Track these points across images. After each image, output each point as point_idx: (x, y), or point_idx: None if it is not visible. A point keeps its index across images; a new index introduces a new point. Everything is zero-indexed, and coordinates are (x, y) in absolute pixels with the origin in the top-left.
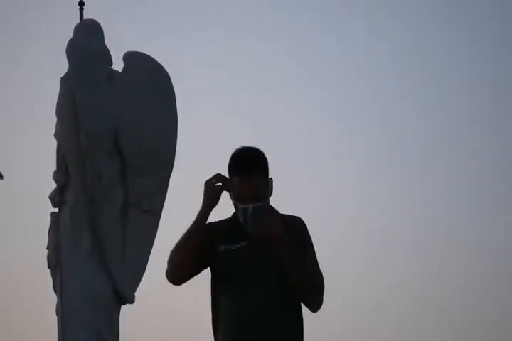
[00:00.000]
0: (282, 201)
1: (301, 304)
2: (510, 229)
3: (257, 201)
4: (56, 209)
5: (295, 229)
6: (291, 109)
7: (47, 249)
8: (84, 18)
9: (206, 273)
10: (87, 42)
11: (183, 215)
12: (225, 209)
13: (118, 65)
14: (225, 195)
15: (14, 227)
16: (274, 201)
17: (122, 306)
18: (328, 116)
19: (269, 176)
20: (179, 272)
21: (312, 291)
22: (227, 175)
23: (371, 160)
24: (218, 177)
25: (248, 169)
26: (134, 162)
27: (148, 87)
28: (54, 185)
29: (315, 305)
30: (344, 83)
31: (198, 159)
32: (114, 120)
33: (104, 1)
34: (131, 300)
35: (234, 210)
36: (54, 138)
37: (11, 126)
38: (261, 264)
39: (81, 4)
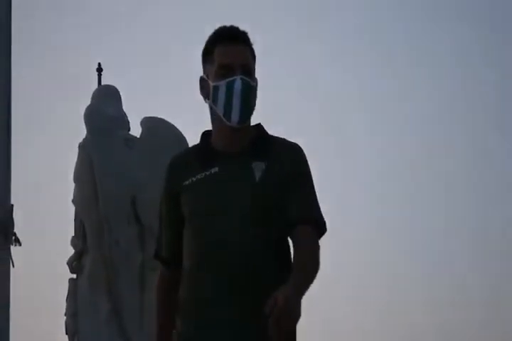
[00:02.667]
0: None
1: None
2: None
3: (247, 76)
4: (74, 275)
5: (287, 163)
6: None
7: (65, 315)
8: (102, 83)
9: None
10: (105, 108)
11: None
12: None
13: (136, 130)
14: None
15: (32, 294)
16: None
17: None
18: None
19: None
20: None
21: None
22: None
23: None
24: None
25: (236, 34)
26: (152, 226)
27: (166, 152)
28: (72, 251)
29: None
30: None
31: None
32: (131, 185)
33: (122, 67)
34: None
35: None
36: (72, 204)
37: (28, 191)
38: (237, 195)
39: (99, 70)
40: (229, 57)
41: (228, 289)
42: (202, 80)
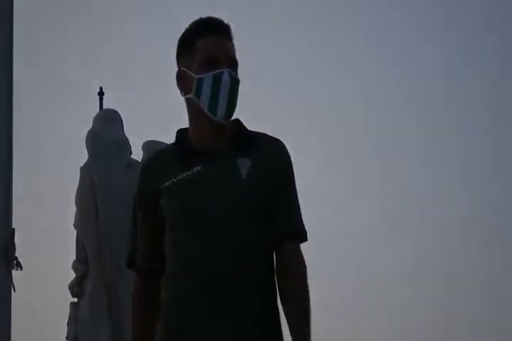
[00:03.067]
0: None
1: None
2: None
3: (233, 69)
4: (75, 300)
5: (274, 162)
6: None
7: (66, 339)
8: (103, 107)
9: None
10: (107, 131)
11: None
12: None
13: (138, 154)
14: None
15: (33, 318)
16: None
17: None
18: None
19: None
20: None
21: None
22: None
23: None
24: None
25: (220, 26)
26: None
27: None
28: (73, 275)
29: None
30: None
31: None
32: (133, 209)
33: (123, 91)
34: None
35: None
36: (73, 228)
37: (29, 214)
38: (224, 193)
39: (101, 94)
40: (215, 49)
41: (215, 285)
42: (181, 72)
